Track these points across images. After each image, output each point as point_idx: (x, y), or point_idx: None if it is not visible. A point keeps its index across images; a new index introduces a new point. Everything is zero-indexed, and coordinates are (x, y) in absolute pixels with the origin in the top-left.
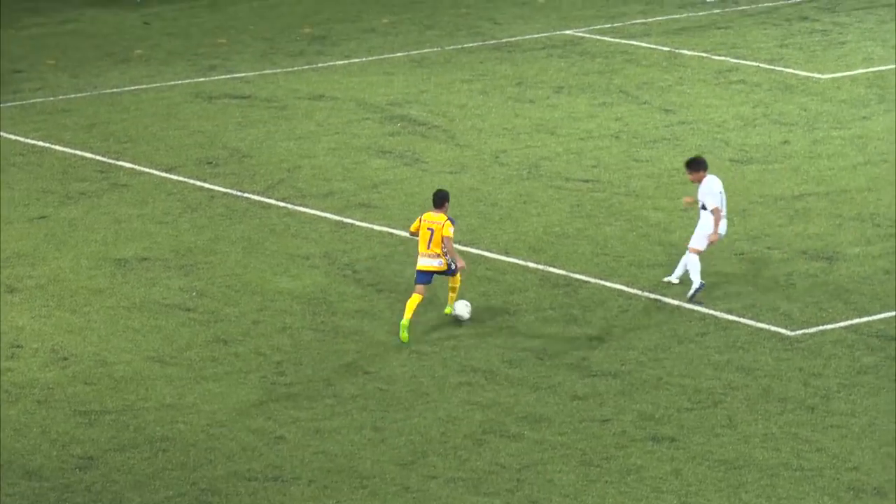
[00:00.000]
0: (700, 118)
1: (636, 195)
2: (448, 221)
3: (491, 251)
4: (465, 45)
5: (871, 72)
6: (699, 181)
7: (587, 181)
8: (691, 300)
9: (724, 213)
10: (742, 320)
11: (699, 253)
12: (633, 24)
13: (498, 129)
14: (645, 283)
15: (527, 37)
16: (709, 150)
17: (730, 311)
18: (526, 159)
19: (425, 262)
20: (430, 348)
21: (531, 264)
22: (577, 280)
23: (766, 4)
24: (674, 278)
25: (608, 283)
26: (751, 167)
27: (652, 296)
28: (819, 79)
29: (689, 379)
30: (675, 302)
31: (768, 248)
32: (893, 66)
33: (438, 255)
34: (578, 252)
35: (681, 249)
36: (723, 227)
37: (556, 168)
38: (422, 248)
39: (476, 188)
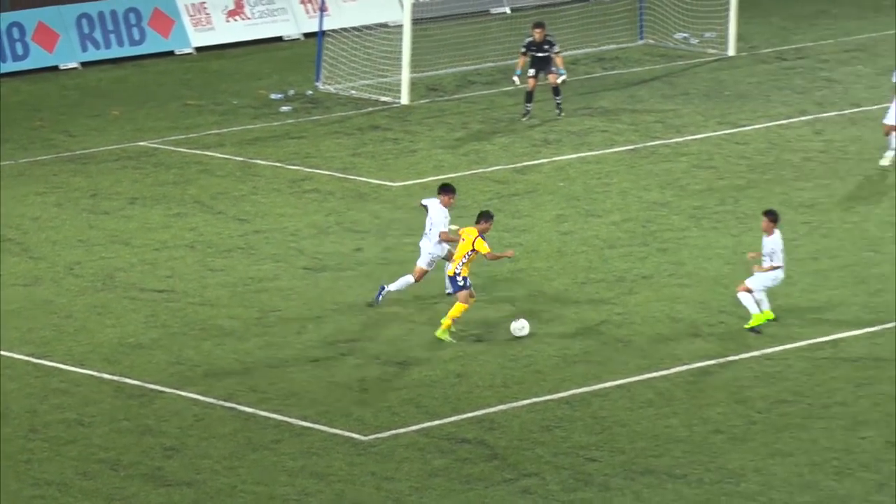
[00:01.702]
0: (274, 227)
1: (211, 304)
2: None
3: (66, 363)
4: (39, 158)
5: (442, 178)
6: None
7: (162, 291)
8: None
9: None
10: (316, 426)
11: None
12: (208, 134)
13: (72, 240)
14: (220, 391)
15: (101, 148)
16: (283, 258)
17: (304, 418)
18: (101, 270)
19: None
20: None
21: (106, 375)
22: (151, 390)
23: (338, 114)
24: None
25: (183, 393)
26: (324, 274)
27: (227, 404)
28: (391, 186)
29: (264, 486)
30: (250, 410)
31: (342, 353)
32: (462, 174)
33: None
34: (153, 362)
35: (258, 358)
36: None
37: (130, 279)
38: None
39: (50, 300)
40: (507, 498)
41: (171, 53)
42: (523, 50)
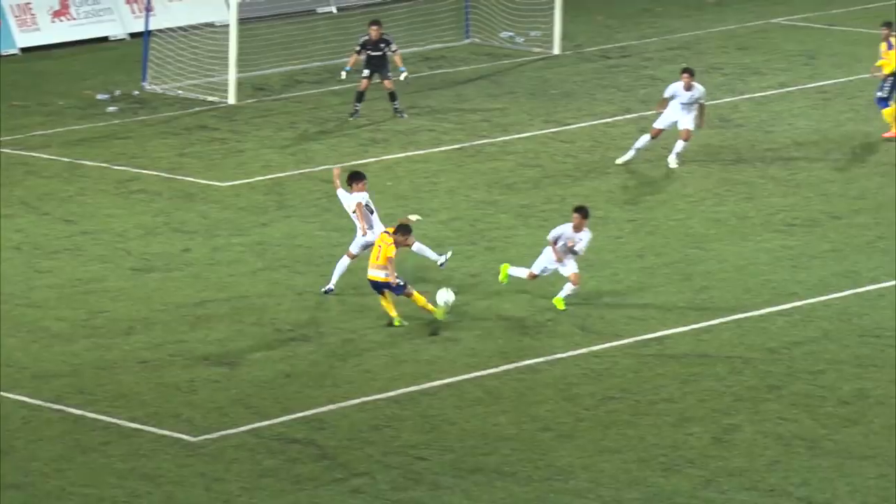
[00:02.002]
0: (102, 228)
1: (38, 306)
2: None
3: None
4: None
5: (270, 178)
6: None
7: None
8: None
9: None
10: (145, 428)
11: None
12: (34, 135)
13: None
14: (48, 393)
15: None
16: (111, 259)
17: (133, 420)
18: None
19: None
20: None
21: None
22: None
23: (165, 114)
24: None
25: (10, 395)
26: (152, 275)
27: (55, 406)
28: (219, 186)
29: (93, 488)
30: (79, 412)
31: (170, 355)
32: (290, 173)
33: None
34: None
35: (87, 360)
36: None
37: None
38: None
39: None
40: (338, 497)
41: None
42: (357, 48)
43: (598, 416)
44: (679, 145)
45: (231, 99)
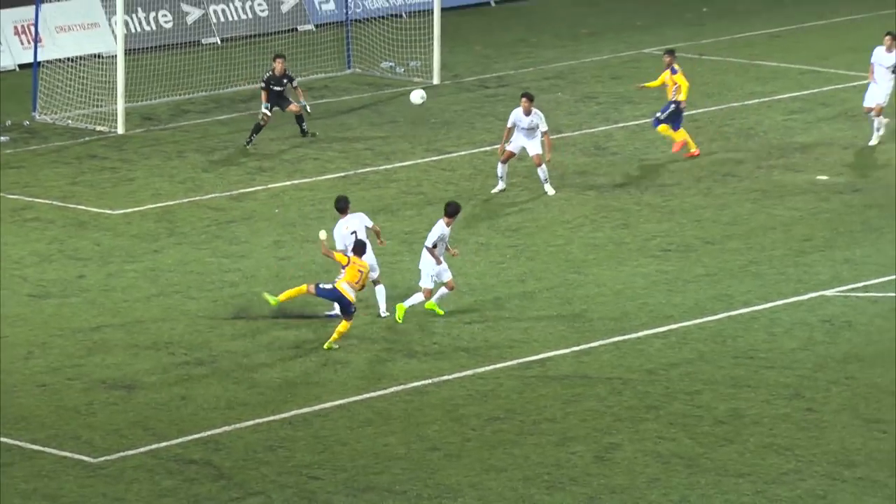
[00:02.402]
0: None
1: None
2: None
3: None
4: None
5: (160, 206)
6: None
7: None
8: None
9: None
10: (46, 449)
11: None
12: None
13: None
14: None
15: None
16: (7, 285)
17: (34, 441)
18: None
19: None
20: None
21: None
22: None
23: (56, 144)
24: None
25: None
26: (49, 301)
27: None
28: (110, 214)
29: None
30: None
31: (69, 378)
32: (180, 201)
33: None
34: None
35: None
36: None
37: None
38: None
39: None
40: None
41: None
42: (263, 85)
43: (485, 436)
44: (540, 172)
45: (120, 128)
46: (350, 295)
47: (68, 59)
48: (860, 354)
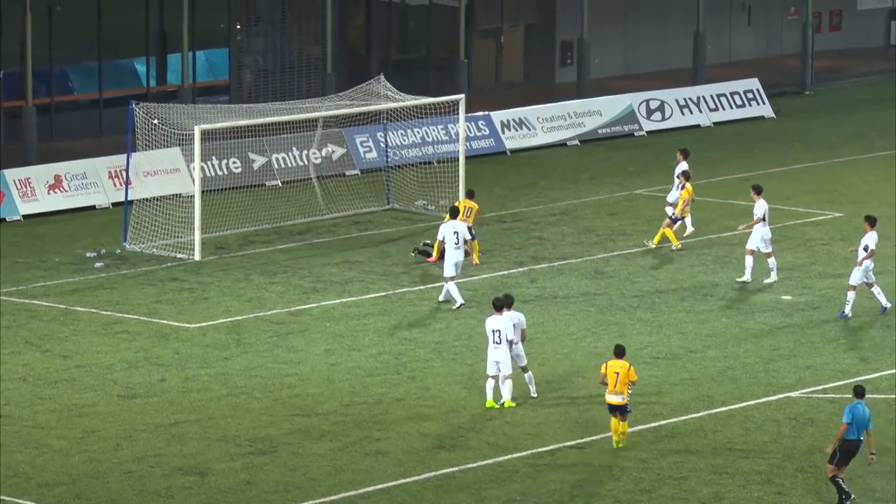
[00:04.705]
0: (92, 362)
1: (41, 427)
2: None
3: None
4: None
5: (230, 321)
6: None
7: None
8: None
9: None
10: None
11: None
12: (35, 286)
13: None
14: (51, 499)
15: None
16: (100, 387)
17: None
18: None
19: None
20: None
21: None
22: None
23: (143, 269)
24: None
25: (20, 501)
26: (135, 401)
27: None
28: (188, 328)
29: None
30: None
31: (151, 466)
32: (247, 316)
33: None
34: None
35: (82, 471)
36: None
37: None
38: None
39: None
40: None
41: (3, 220)
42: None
43: None
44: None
45: (197, 256)
46: (616, 401)
47: (154, 197)
48: (821, 446)
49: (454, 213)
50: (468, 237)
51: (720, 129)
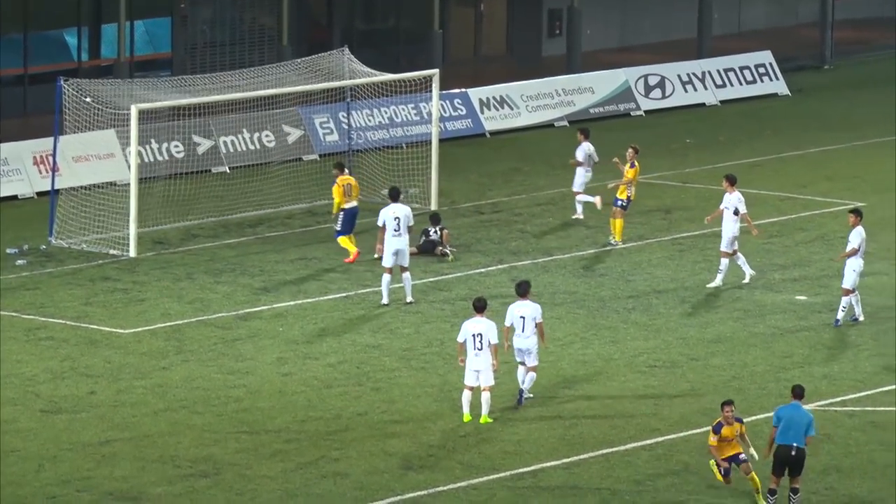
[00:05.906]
0: (12, 373)
1: None
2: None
3: None
4: None
5: (169, 325)
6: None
7: None
8: None
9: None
10: None
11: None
12: None
13: None
14: None
15: None
16: (21, 401)
17: None
18: None
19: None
20: None
21: None
22: None
23: (70, 266)
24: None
25: None
26: (60, 416)
27: None
28: (122, 333)
29: None
30: None
31: (78, 490)
32: (188, 320)
33: None
34: None
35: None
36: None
37: None
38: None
39: None
40: None
41: None
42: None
43: None
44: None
45: (132, 252)
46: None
47: (83, 186)
48: (839, 466)
49: (394, 195)
50: (412, 223)
51: (728, 108)
